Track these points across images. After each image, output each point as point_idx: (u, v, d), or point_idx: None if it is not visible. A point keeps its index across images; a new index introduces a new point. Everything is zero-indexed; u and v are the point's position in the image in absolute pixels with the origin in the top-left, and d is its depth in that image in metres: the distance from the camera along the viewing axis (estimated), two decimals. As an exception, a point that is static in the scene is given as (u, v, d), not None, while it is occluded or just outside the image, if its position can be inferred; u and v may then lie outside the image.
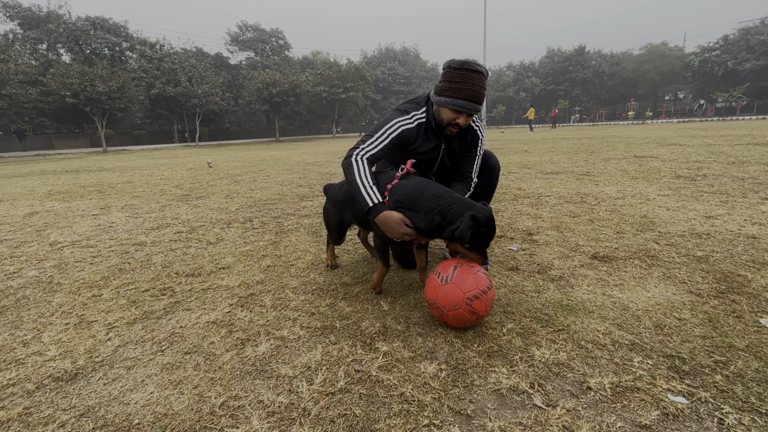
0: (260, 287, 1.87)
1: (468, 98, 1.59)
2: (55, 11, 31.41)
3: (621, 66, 46.73)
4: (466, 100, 1.59)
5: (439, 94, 1.67)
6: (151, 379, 1.20)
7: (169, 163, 10.66)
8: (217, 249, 2.51)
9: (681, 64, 42.90)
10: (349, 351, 1.31)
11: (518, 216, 3.00)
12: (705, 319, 1.40)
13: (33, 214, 3.94)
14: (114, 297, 1.82)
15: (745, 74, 37.47)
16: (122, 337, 1.45)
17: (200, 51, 42.45)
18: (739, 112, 36.73)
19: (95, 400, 1.11)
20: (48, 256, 2.51)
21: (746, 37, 37.49)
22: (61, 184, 6.68)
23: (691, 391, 1.04)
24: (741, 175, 4.11)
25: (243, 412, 1.04)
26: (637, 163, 5.69)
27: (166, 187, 5.59)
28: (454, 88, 1.60)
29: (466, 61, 1.59)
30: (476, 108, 1.63)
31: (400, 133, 1.71)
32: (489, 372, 1.17)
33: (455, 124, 1.67)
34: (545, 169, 5.63)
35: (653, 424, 0.94)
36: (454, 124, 1.67)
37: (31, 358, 1.34)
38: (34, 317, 1.65)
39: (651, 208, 2.98)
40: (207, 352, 1.34)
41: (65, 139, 31.47)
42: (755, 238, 2.17)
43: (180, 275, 2.06)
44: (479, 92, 1.60)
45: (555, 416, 0.98)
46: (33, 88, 25.09)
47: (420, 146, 1.77)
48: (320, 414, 1.03)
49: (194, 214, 3.65)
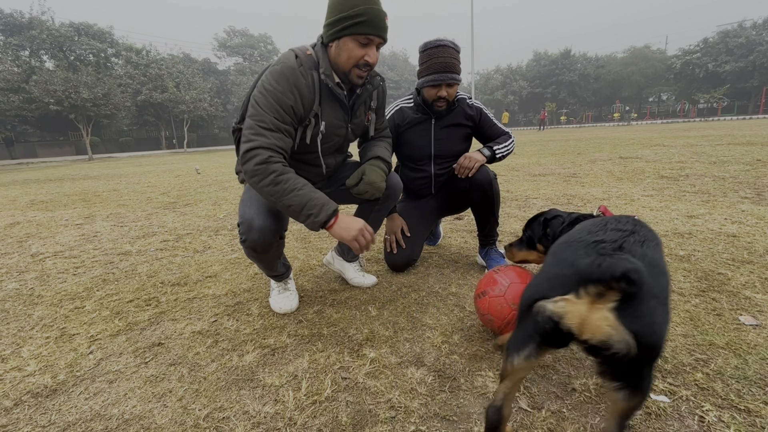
0: (247, 295, 1.85)
1: (438, 71, 1.76)
2: (37, 17, 30.97)
3: (606, 69, 47.72)
4: (438, 73, 1.76)
5: (418, 78, 1.88)
6: (134, 393, 1.17)
7: (157, 170, 10.53)
8: (204, 257, 2.48)
9: (663, 66, 43.99)
10: (336, 358, 1.30)
11: (506, 218, 3.03)
12: (686, 317, 1.42)
13: (14, 225, 3.86)
14: (97, 308, 1.78)
15: (725, 76, 38.55)
16: (105, 350, 1.42)
17: (187, 56, 42.21)
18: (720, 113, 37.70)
19: (76, 416, 1.09)
20: (29, 267, 2.45)
21: (725, 39, 38.60)
22: (45, 193, 6.55)
23: (673, 390, 1.06)
24: (722, 175, 4.21)
25: (228, 424, 1.03)
26: (622, 164, 5.79)
27: (153, 195, 5.51)
28: (426, 67, 1.80)
29: (429, 41, 1.78)
30: (450, 77, 1.77)
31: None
32: (476, 376, 1.17)
33: (439, 98, 1.83)
34: (533, 171, 5.70)
35: (636, 424, 0.95)
36: (439, 98, 1.83)
37: (10, 373, 1.31)
38: (13, 331, 1.61)
39: (635, 209, 3.03)
40: (192, 363, 1.32)
41: (49, 147, 30.94)
42: (735, 237, 2.22)
43: (165, 285, 2.03)
44: (447, 62, 1.75)
45: (540, 419, 0.99)
46: (15, 96, 24.64)
47: (410, 122, 1.97)
48: (306, 423, 1.02)
49: (181, 221, 3.60)
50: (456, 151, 2.02)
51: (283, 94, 1.31)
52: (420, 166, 2.05)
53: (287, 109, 1.32)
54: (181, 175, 8.49)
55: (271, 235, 1.43)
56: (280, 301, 1.65)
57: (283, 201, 1.30)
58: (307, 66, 1.35)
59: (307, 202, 1.30)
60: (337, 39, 1.33)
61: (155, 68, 30.01)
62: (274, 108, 1.30)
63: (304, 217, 1.32)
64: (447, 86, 1.81)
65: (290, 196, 1.29)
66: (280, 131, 1.33)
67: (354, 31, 1.28)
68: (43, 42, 29.48)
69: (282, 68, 1.31)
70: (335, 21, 1.29)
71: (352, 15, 1.26)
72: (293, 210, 1.31)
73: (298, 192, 1.29)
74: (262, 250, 1.46)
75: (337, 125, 1.49)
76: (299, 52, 1.37)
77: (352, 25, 1.27)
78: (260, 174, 1.27)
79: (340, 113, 1.48)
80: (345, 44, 1.32)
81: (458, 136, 2.01)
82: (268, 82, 1.31)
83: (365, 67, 1.36)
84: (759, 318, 1.38)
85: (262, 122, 1.30)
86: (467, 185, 1.90)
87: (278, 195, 1.29)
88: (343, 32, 1.29)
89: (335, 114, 1.47)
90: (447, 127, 1.98)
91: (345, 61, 1.34)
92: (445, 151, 2.01)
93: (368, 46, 1.33)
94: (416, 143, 1.99)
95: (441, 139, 1.99)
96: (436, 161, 2.03)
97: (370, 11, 1.27)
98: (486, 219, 1.97)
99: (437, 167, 2.04)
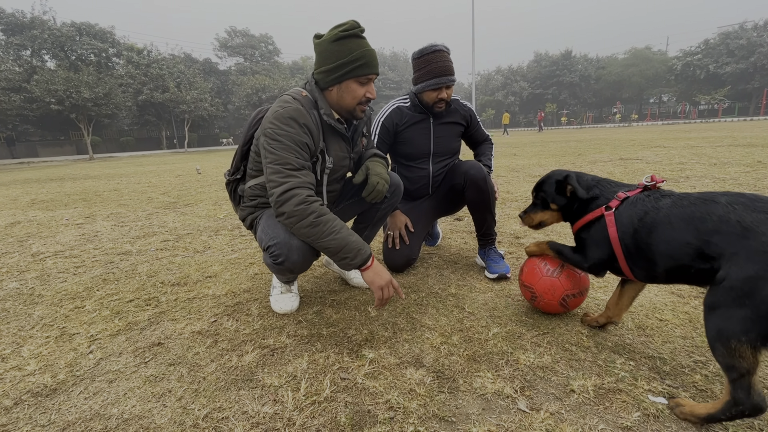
0: (247, 296, 1.85)
1: (437, 75, 1.85)
2: (39, 17, 31.03)
3: (606, 70, 47.69)
4: (437, 77, 1.85)
5: (415, 83, 1.95)
6: (133, 392, 1.18)
7: (157, 170, 10.54)
8: (204, 257, 2.49)
9: (664, 67, 43.95)
10: (335, 359, 1.30)
11: (506, 219, 3.03)
12: (686, 319, 1.43)
13: (15, 224, 3.86)
14: (97, 308, 1.79)
15: (726, 77, 38.53)
16: (104, 350, 1.43)
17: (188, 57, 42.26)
18: (721, 114, 37.65)
19: (75, 415, 1.09)
20: (29, 267, 2.46)
21: (726, 41, 38.60)
22: (45, 192, 6.56)
23: (671, 392, 1.06)
24: (722, 177, 4.21)
25: (227, 424, 1.03)
26: (622, 165, 5.79)
27: (154, 195, 5.52)
28: (424, 72, 1.88)
29: (424, 48, 1.87)
30: (449, 79, 1.87)
31: (383, 125, 2.02)
32: (474, 377, 1.17)
33: (440, 100, 1.92)
34: (533, 172, 5.70)
35: (634, 426, 0.96)
36: (439, 101, 1.92)
37: (10, 373, 1.31)
38: (13, 330, 1.61)
39: (635, 210, 3.02)
40: (191, 363, 1.32)
41: (50, 147, 30.98)
42: (735, 239, 2.22)
43: (165, 285, 2.04)
44: (445, 65, 1.84)
45: (539, 420, 0.99)
46: (17, 95, 24.69)
47: (408, 121, 2.02)
48: (305, 423, 1.02)
49: (181, 221, 3.61)
50: (452, 148, 2.13)
51: (297, 134, 1.35)
52: (418, 165, 2.10)
53: (304, 147, 1.37)
54: (182, 175, 8.50)
55: (312, 255, 1.46)
56: (281, 301, 1.66)
57: (320, 242, 1.34)
58: (307, 106, 1.40)
59: (344, 246, 1.33)
60: (339, 83, 1.40)
61: (156, 68, 30.04)
62: (293, 149, 1.34)
63: (339, 258, 1.35)
64: (446, 88, 1.89)
65: (328, 239, 1.32)
66: (305, 168, 1.37)
67: (356, 74, 1.38)
68: (44, 41, 29.53)
69: (286, 111, 1.35)
70: (335, 67, 1.37)
71: (352, 60, 1.35)
72: (329, 251, 1.35)
73: (336, 236, 1.32)
74: (300, 270, 1.49)
75: (342, 157, 1.57)
76: (295, 94, 1.42)
77: (353, 69, 1.36)
78: (299, 215, 1.31)
79: (344, 146, 1.56)
80: (348, 86, 1.40)
81: (454, 134, 2.12)
82: (278, 128, 1.34)
83: (367, 103, 1.47)
84: (758, 320, 1.38)
85: (288, 164, 1.33)
86: (462, 182, 1.94)
87: (316, 236, 1.32)
88: (346, 76, 1.38)
89: (339, 147, 1.54)
90: (445, 125, 2.06)
91: (349, 101, 1.43)
92: (443, 149, 2.09)
93: (368, 84, 1.43)
94: (416, 141, 2.04)
95: (440, 137, 2.06)
96: (435, 159, 2.10)
97: (367, 53, 1.37)
98: (483, 217, 1.98)
99: (435, 165, 2.10)
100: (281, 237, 1.40)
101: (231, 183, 1.64)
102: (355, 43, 1.36)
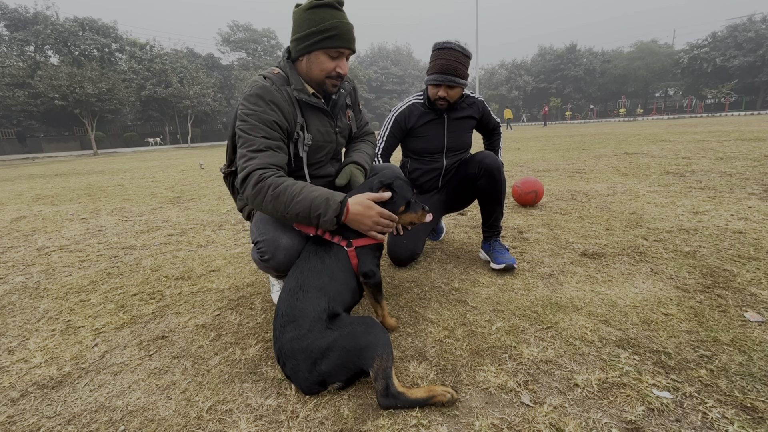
0: (250, 289, 1.86)
1: (439, 71, 1.84)
2: (42, 12, 31.03)
3: (612, 63, 47.17)
4: (437, 74, 1.85)
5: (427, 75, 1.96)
6: (138, 385, 1.19)
7: (161, 165, 10.57)
8: (208, 251, 2.49)
9: (670, 61, 43.42)
10: (338, 352, 1.30)
11: (509, 214, 3.02)
12: (691, 314, 1.41)
13: (20, 219, 3.89)
14: (102, 302, 1.80)
15: (733, 71, 38.01)
16: (109, 343, 1.44)
17: (191, 52, 42.16)
18: (728, 108, 37.20)
19: (81, 407, 1.10)
20: (35, 261, 2.48)
21: (734, 34, 38.01)
22: (50, 187, 6.60)
23: (676, 386, 1.06)
24: (729, 171, 4.16)
25: (231, 416, 1.04)
26: (627, 159, 5.75)
27: (157, 190, 5.54)
28: (431, 66, 1.89)
29: (439, 42, 1.86)
30: (449, 79, 1.85)
31: (395, 120, 2.05)
32: (477, 371, 1.17)
33: (440, 98, 1.91)
34: (537, 167, 5.66)
35: (638, 420, 0.95)
36: (439, 98, 1.91)
37: (16, 365, 1.32)
38: (19, 324, 1.62)
39: (640, 205, 3.01)
40: (195, 356, 1.33)
41: (55, 142, 31.12)
42: (741, 233, 2.20)
43: (169, 279, 2.05)
44: (449, 64, 1.82)
45: (542, 414, 0.99)
46: (20, 91, 24.77)
47: (423, 118, 2.03)
48: (308, 416, 1.02)
49: (185, 216, 3.62)
50: (464, 142, 2.14)
51: (264, 112, 1.29)
52: (433, 159, 2.12)
53: (272, 125, 1.30)
54: (185, 170, 8.52)
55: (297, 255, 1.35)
56: None
57: (289, 213, 1.22)
58: (278, 83, 1.34)
59: (310, 204, 1.20)
60: (308, 53, 1.33)
61: (159, 63, 30.01)
62: (259, 128, 1.28)
63: (315, 220, 1.23)
64: (448, 88, 1.88)
65: (293, 205, 1.21)
66: (270, 149, 1.29)
67: (325, 45, 1.30)
68: (47, 37, 29.54)
69: (253, 90, 1.30)
70: (305, 36, 1.30)
71: (322, 29, 1.27)
72: (303, 217, 1.23)
73: (298, 197, 1.21)
74: (285, 270, 1.37)
75: (326, 132, 1.48)
76: (266, 73, 1.37)
77: (322, 39, 1.29)
78: (259, 194, 1.22)
79: (326, 120, 1.47)
80: (316, 58, 1.32)
81: (467, 128, 2.13)
82: (246, 108, 1.30)
83: (337, 78, 1.37)
84: (764, 315, 1.37)
85: (252, 146, 1.27)
86: (476, 170, 1.95)
87: (283, 208, 1.22)
88: (314, 46, 1.30)
89: (320, 122, 1.45)
90: (459, 120, 2.07)
91: (318, 74, 1.35)
92: (456, 143, 2.11)
93: (339, 59, 1.34)
94: (431, 135, 2.06)
95: (453, 132, 2.07)
96: (448, 153, 2.11)
97: (340, 25, 1.29)
98: (492, 208, 1.98)
99: (448, 159, 2.12)
100: (270, 234, 1.35)
101: (228, 176, 1.59)
102: (328, 13, 1.28)
